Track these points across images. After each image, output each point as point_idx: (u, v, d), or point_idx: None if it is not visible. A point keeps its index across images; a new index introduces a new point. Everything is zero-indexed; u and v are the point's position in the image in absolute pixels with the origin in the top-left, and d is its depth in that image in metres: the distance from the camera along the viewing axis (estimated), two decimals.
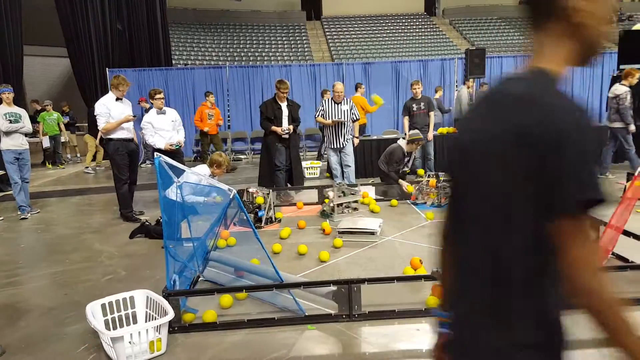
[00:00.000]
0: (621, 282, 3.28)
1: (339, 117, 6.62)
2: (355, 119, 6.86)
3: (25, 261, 4.42)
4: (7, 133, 6.09)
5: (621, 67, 9.65)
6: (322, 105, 6.80)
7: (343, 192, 5.69)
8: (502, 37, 25.32)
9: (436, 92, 10.91)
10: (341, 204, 5.60)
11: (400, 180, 6.03)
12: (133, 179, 5.92)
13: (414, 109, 7.58)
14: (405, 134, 7.65)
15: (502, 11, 28.15)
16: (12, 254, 4.65)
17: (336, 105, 6.70)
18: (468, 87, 10.14)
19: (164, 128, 6.01)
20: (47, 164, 11.43)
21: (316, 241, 4.62)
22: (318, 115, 6.84)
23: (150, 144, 5.98)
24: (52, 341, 2.81)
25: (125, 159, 5.66)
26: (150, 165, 10.77)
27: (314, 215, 5.65)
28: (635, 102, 7.94)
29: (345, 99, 6.79)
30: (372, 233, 4.51)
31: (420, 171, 6.62)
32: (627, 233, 3.61)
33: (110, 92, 5.65)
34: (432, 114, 7.60)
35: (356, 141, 7.05)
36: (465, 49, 9.14)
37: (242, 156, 12.18)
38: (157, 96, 6.05)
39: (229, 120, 12.71)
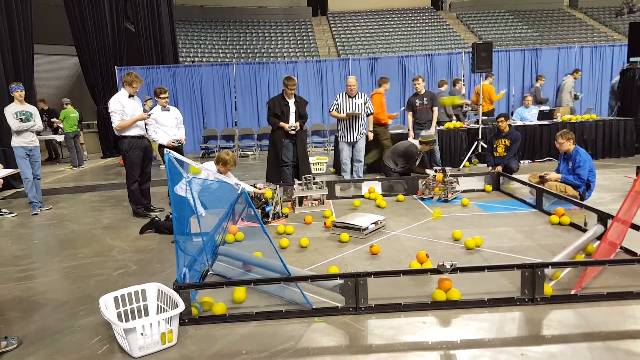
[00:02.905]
0: (630, 275, 3.29)
1: (353, 109, 6.66)
2: (369, 112, 6.88)
3: (38, 256, 4.51)
4: (18, 131, 6.18)
5: (631, 59, 9.57)
6: (337, 100, 6.85)
7: (307, 186, 5.82)
8: (510, 31, 25.14)
9: (537, 80, 11.05)
10: (306, 197, 5.75)
11: (428, 170, 5.91)
12: (148, 175, 5.99)
13: (417, 104, 7.58)
14: (409, 130, 7.67)
15: (510, 4, 27.96)
16: (26, 249, 4.74)
17: (350, 99, 6.75)
18: (574, 77, 10.35)
19: (168, 124, 6.14)
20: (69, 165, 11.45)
21: (323, 235, 4.67)
22: (332, 109, 6.89)
23: (154, 139, 6.06)
24: (66, 333, 2.88)
25: (139, 156, 5.72)
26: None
27: (320, 211, 5.69)
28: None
29: (359, 92, 6.82)
30: (359, 229, 4.50)
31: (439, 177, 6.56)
32: (635, 226, 3.61)
33: (122, 89, 5.67)
34: (435, 109, 7.58)
35: (370, 135, 7.07)
36: (473, 42, 9.09)
37: (249, 152, 12.24)
38: (163, 95, 6.16)
39: (235, 117, 12.78)
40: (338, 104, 6.82)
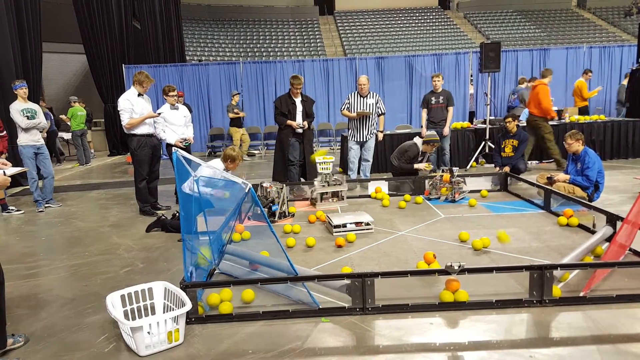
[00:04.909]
0: (638, 278, 3.25)
1: (363, 109, 6.65)
2: (380, 112, 6.87)
3: (45, 253, 4.53)
4: (26, 129, 6.20)
5: None
6: (348, 99, 6.84)
7: (327, 182, 5.88)
8: (518, 31, 25.00)
9: (626, 77, 11.03)
10: (326, 193, 5.83)
11: (417, 165, 5.95)
12: (156, 174, 6.00)
13: (433, 102, 7.57)
14: (422, 127, 7.65)
15: (517, 4, 27.81)
16: (33, 247, 4.77)
17: (362, 98, 6.73)
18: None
19: (176, 123, 6.14)
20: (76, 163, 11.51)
21: (329, 235, 4.65)
22: (343, 109, 6.89)
23: (162, 138, 6.05)
24: (73, 331, 2.89)
25: (148, 154, 5.73)
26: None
27: (327, 209, 5.68)
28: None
29: (371, 92, 6.80)
30: (332, 225, 4.56)
31: (428, 166, 6.55)
32: None
33: (132, 87, 5.68)
34: (450, 109, 7.55)
35: (380, 135, 7.04)
36: (480, 42, 9.05)
37: (255, 151, 12.25)
38: (171, 93, 6.15)
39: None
40: (349, 103, 6.80)
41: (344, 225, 4.55)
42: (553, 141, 7.66)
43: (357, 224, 4.62)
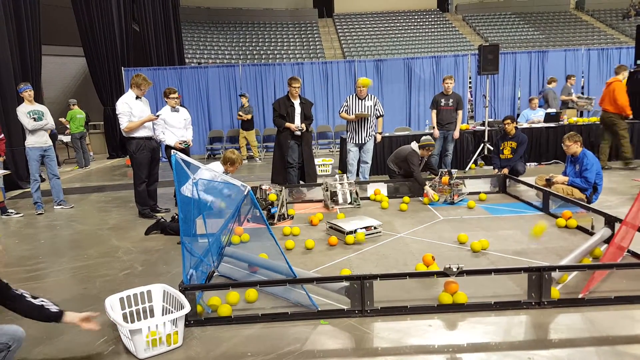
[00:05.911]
0: (637, 279, 3.26)
1: (362, 111, 6.67)
2: (379, 115, 6.88)
3: (45, 256, 4.52)
4: (33, 131, 6.21)
5: (639, 62, 9.51)
6: (346, 101, 6.86)
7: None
8: (516, 33, 25.08)
9: None
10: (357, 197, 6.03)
11: (427, 188, 5.93)
12: (155, 176, 6.00)
13: (442, 103, 7.61)
14: (434, 128, 7.68)
15: (516, 6, 27.92)
16: (32, 249, 4.77)
17: (360, 101, 6.75)
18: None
19: (176, 126, 6.13)
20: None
21: (325, 238, 4.65)
22: (342, 111, 6.90)
23: (161, 140, 6.06)
24: (72, 333, 2.88)
25: (147, 157, 5.73)
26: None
27: (324, 212, 5.68)
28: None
29: (369, 94, 6.81)
30: (342, 232, 4.50)
31: (435, 197, 6.50)
32: None
33: (130, 90, 5.69)
34: (459, 112, 7.58)
35: (379, 137, 7.05)
36: (479, 45, 9.08)
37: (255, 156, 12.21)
38: (172, 95, 6.14)
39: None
40: (348, 106, 6.82)
41: (355, 231, 4.54)
42: (627, 138, 7.59)
43: (367, 228, 4.61)
